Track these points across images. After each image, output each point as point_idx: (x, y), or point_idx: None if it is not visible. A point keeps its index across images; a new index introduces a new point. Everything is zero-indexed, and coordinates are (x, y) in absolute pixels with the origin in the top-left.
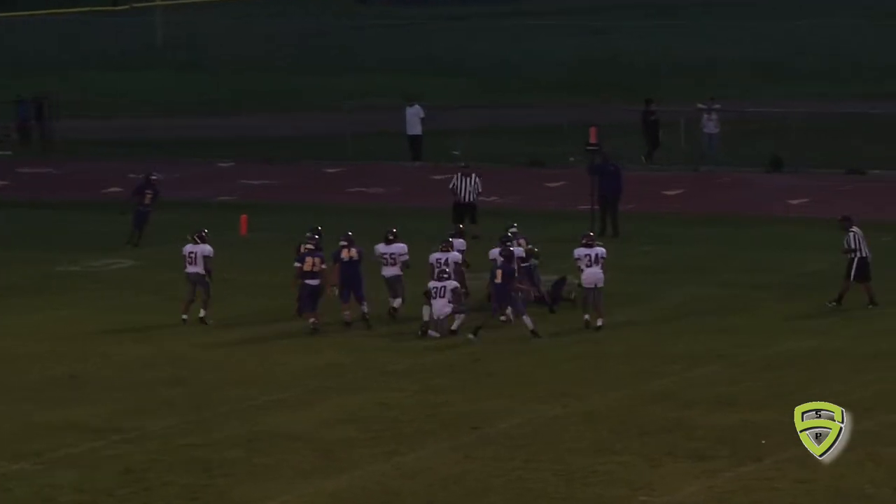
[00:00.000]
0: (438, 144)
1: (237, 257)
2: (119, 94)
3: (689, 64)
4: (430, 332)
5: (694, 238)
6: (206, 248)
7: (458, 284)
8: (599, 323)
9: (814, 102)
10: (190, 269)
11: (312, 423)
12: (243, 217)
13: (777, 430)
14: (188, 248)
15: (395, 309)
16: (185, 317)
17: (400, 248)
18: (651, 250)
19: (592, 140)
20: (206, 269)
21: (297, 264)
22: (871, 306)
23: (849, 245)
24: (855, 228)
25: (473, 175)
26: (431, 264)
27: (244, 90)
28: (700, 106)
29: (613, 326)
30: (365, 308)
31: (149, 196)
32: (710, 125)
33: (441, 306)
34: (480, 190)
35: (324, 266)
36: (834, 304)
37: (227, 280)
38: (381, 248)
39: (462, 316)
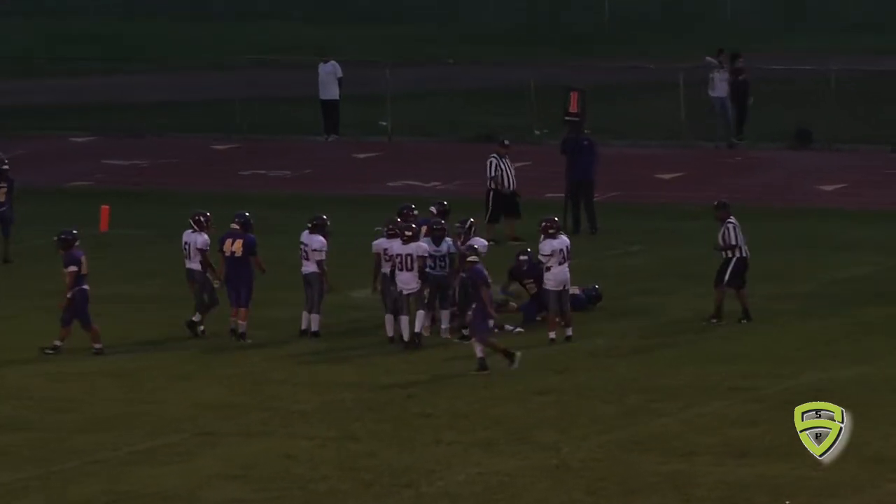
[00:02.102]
0: (361, 113)
1: (95, 261)
2: None
3: (689, 7)
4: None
5: (696, 235)
6: (200, 239)
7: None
8: (569, 332)
9: (854, 58)
10: (187, 263)
11: (192, 479)
12: (104, 208)
13: (803, 486)
14: (185, 236)
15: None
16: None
17: (316, 241)
18: (640, 251)
19: (573, 108)
20: (202, 264)
21: (72, 268)
22: (743, 321)
23: (727, 240)
24: (733, 219)
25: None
26: (378, 254)
27: (104, 40)
28: (710, 60)
29: (593, 351)
30: (243, 323)
31: (3, 191)
32: (721, 87)
33: (407, 280)
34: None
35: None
36: (715, 321)
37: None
38: (302, 236)
39: (446, 313)
